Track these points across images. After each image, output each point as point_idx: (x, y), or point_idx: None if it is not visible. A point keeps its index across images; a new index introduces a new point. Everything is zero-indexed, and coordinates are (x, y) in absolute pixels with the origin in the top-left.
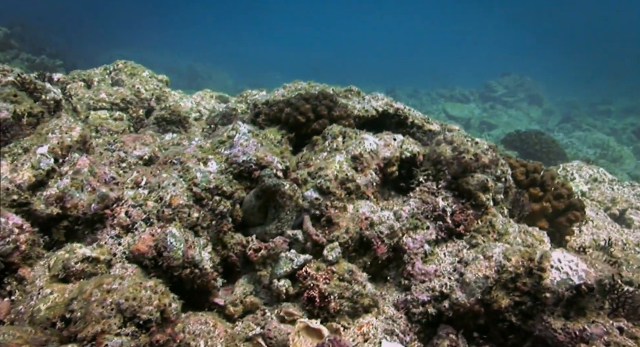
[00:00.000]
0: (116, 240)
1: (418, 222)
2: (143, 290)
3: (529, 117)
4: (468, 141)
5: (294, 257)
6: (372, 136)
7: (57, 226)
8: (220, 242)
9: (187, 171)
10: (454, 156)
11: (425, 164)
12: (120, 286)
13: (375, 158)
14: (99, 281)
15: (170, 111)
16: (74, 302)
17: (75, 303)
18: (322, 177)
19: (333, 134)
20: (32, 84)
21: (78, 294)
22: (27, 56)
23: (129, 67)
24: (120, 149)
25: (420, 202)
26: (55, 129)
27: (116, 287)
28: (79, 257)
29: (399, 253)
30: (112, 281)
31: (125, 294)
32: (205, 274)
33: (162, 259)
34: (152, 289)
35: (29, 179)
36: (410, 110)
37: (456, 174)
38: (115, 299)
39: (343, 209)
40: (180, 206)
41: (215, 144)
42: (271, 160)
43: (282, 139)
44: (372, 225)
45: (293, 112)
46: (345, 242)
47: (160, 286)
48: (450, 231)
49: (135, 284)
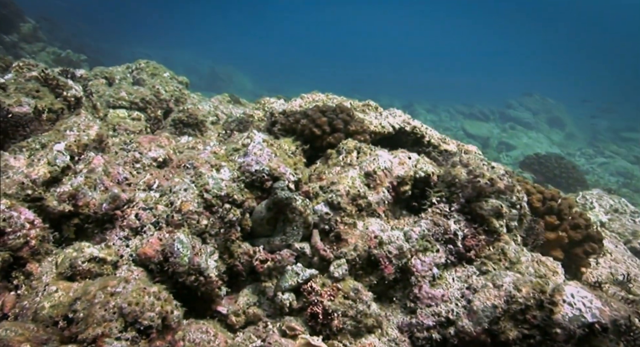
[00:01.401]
0: (124, 242)
1: (428, 245)
2: (146, 296)
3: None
4: (484, 165)
5: (299, 271)
6: (387, 153)
7: (68, 223)
8: (227, 250)
9: (200, 177)
10: (469, 179)
11: (439, 186)
12: (124, 290)
13: (389, 176)
14: (104, 282)
15: (187, 114)
16: (78, 303)
17: (79, 303)
18: (334, 192)
19: (348, 148)
20: (54, 80)
21: (82, 295)
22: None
23: (151, 67)
24: (135, 150)
25: (431, 224)
26: (73, 127)
27: (120, 291)
28: (87, 256)
29: (406, 274)
30: (116, 283)
31: (128, 299)
32: (210, 282)
33: (168, 265)
34: (155, 295)
35: (44, 174)
36: (427, 128)
37: (470, 197)
38: (118, 302)
39: (353, 225)
40: (190, 212)
41: (230, 151)
42: (284, 171)
43: (297, 150)
44: (381, 244)
45: (309, 123)
46: (352, 260)
47: (163, 292)
48: (460, 255)
49: (139, 288)
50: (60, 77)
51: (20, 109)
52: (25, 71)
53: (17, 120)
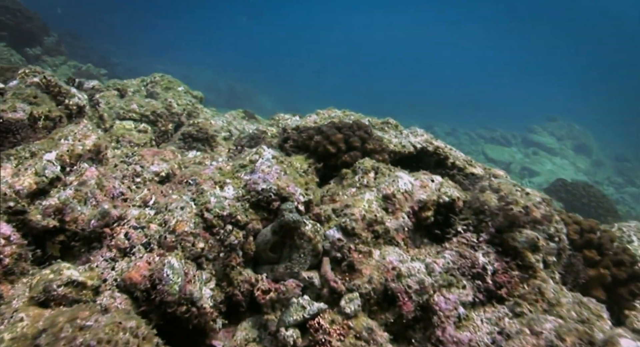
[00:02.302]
0: (110, 264)
1: (453, 279)
2: (122, 332)
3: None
4: (517, 191)
5: (306, 305)
6: (408, 175)
7: (53, 240)
8: (226, 277)
9: (201, 194)
10: (500, 207)
11: (465, 212)
12: (96, 324)
13: (409, 200)
14: (74, 313)
15: (197, 128)
16: (43, 336)
17: (44, 337)
18: (348, 216)
19: (365, 168)
20: (56, 88)
21: (49, 327)
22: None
23: (165, 81)
24: (137, 163)
25: (457, 256)
26: (69, 135)
27: (91, 325)
28: (64, 279)
29: (428, 313)
30: (88, 315)
31: (99, 335)
32: (203, 314)
33: (156, 293)
34: (132, 331)
35: (29, 185)
36: (452, 149)
37: (501, 227)
38: (87, 339)
39: (368, 254)
40: (185, 234)
41: (236, 167)
42: (293, 191)
43: (309, 168)
44: (399, 277)
45: (323, 140)
46: (366, 293)
47: (143, 327)
48: (490, 293)
49: (113, 323)
50: (63, 84)
51: (14, 115)
52: (28, 78)
53: (7, 126)
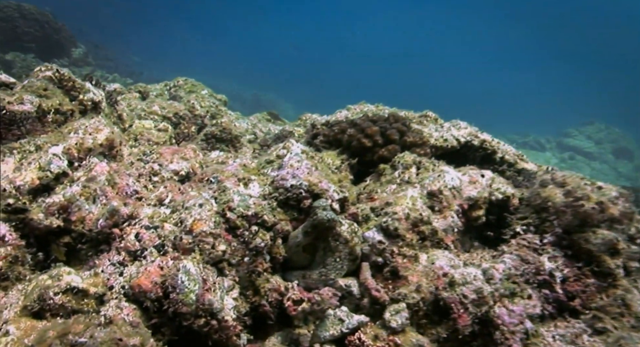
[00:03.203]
0: (118, 268)
1: (516, 288)
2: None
3: (617, 172)
4: (587, 185)
5: (344, 318)
6: (454, 170)
7: (57, 242)
8: (251, 285)
9: (223, 192)
10: (568, 203)
11: (524, 211)
12: (91, 341)
13: (458, 197)
14: (66, 327)
15: (221, 128)
16: None
17: None
18: (389, 215)
19: (405, 163)
20: (70, 82)
21: (37, 343)
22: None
23: (189, 85)
24: (155, 161)
25: (518, 260)
26: (79, 129)
27: (84, 342)
28: (62, 286)
29: (488, 328)
30: (82, 329)
31: None
32: (224, 328)
33: (169, 302)
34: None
35: (31, 181)
36: (500, 143)
37: (570, 227)
38: None
39: (414, 259)
40: (204, 234)
41: (262, 163)
42: (326, 187)
43: (342, 165)
44: (452, 284)
45: (357, 134)
46: (414, 304)
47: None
48: (560, 304)
49: (112, 340)
50: (78, 79)
51: (20, 107)
52: (40, 72)
53: (11, 117)
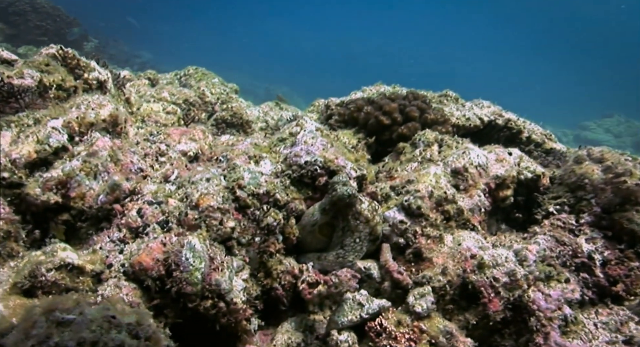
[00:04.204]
0: (117, 246)
1: (552, 271)
2: (115, 330)
3: None
4: (628, 160)
5: (364, 302)
6: (479, 148)
7: (56, 220)
8: (263, 266)
9: (233, 170)
10: (607, 180)
11: (556, 190)
12: (80, 318)
13: (484, 175)
14: (52, 303)
15: (232, 113)
16: (13, 333)
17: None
18: (411, 194)
19: (427, 140)
20: (74, 60)
21: (23, 321)
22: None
23: (199, 73)
24: (162, 142)
25: (553, 242)
26: (81, 104)
27: (72, 319)
28: (56, 262)
29: (521, 314)
30: (71, 306)
31: (81, 334)
32: (234, 311)
33: (172, 281)
34: (130, 330)
35: (28, 154)
36: (526, 122)
37: (610, 205)
38: (63, 339)
39: (439, 240)
40: (211, 209)
41: (274, 141)
42: (343, 164)
43: (359, 144)
44: (481, 267)
45: (375, 111)
46: (440, 288)
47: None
48: (601, 289)
49: (103, 318)
50: (83, 58)
51: (20, 81)
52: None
53: (9, 90)
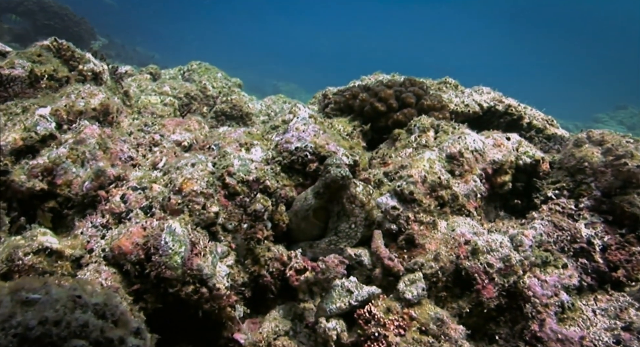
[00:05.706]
0: (100, 231)
1: (549, 256)
2: (79, 310)
3: None
4: (629, 142)
5: (353, 289)
6: (476, 133)
7: (42, 207)
8: (250, 253)
9: (223, 157)
10: (608, 162)
11: (556, 175)
12: (45, 297)
13: (481, 160)
14: (20, 283)
15: (231, 105)
16: None
17: None
18: (404, 179)
19: (422, 126)
20: (69, 51)
21: None
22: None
23: (203, 68)
24: (156, 132)
25: (551, 226)
26: (72, 93)
27: (37, 299)
28: (34, 246)
29: (517, 301)
30: (37, 286)
31: (43, 313)
32: (217, 297)
33: (151, 265)
34: (97, 310)
35: (14, 141)
36: (527, 108)
37: (610, 189)
38: (26, 318)
39: (432, 225)
40: (194, 194)
41: (267, 129)
42: (334, 149)
43: (354, 131)
44: (475, 253)
45: (370, 98)
46: (432, 274)
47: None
48: (601, 275)
49: (69, 297)
50: (78, 49)
51: (11, 71)
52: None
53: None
